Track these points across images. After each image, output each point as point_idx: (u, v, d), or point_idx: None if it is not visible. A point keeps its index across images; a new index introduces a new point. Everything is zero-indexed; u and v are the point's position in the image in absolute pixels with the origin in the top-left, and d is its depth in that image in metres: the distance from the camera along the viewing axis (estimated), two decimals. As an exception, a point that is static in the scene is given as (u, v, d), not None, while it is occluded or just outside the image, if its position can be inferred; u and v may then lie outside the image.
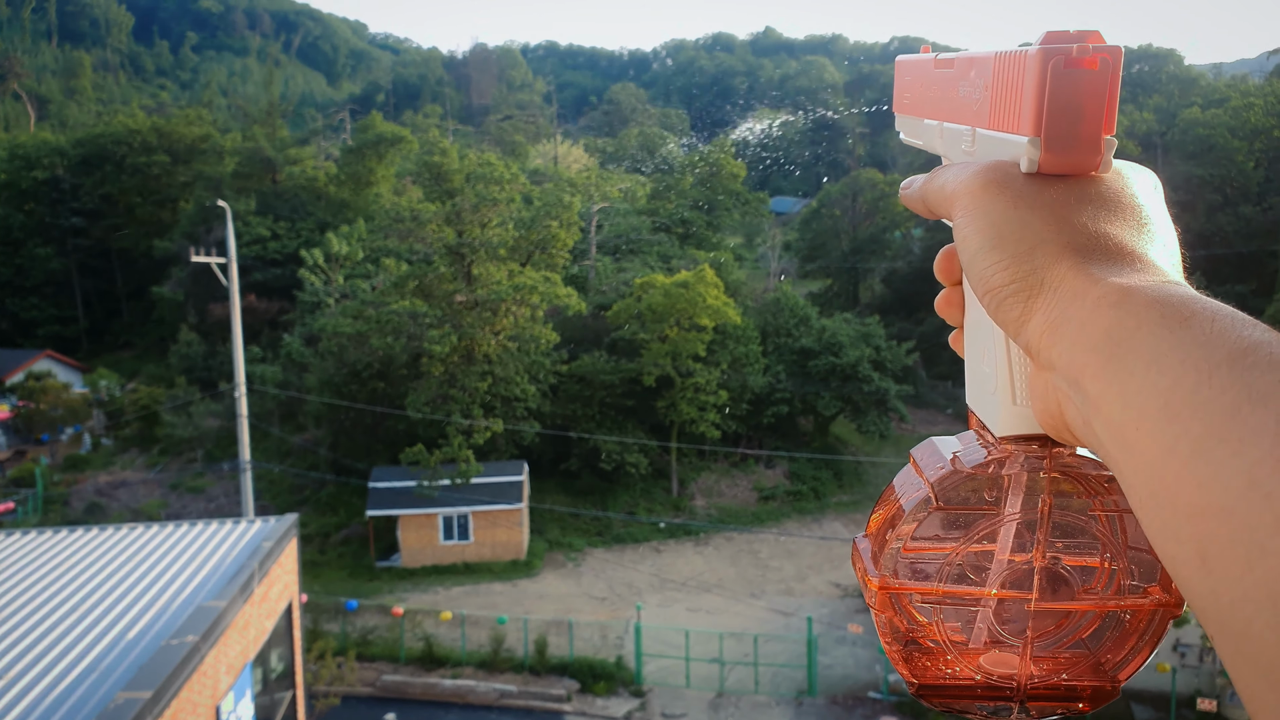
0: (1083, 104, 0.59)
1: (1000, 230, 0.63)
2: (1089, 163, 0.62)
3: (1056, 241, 0.61)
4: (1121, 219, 0.63)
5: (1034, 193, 0.63)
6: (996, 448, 0.69)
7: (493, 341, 35.49)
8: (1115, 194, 0.64)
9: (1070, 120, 0.60)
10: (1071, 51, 0.59)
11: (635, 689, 25.34)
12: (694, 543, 36.66)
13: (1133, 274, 0.58)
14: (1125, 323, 0.54)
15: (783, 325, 44.39)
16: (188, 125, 57.92)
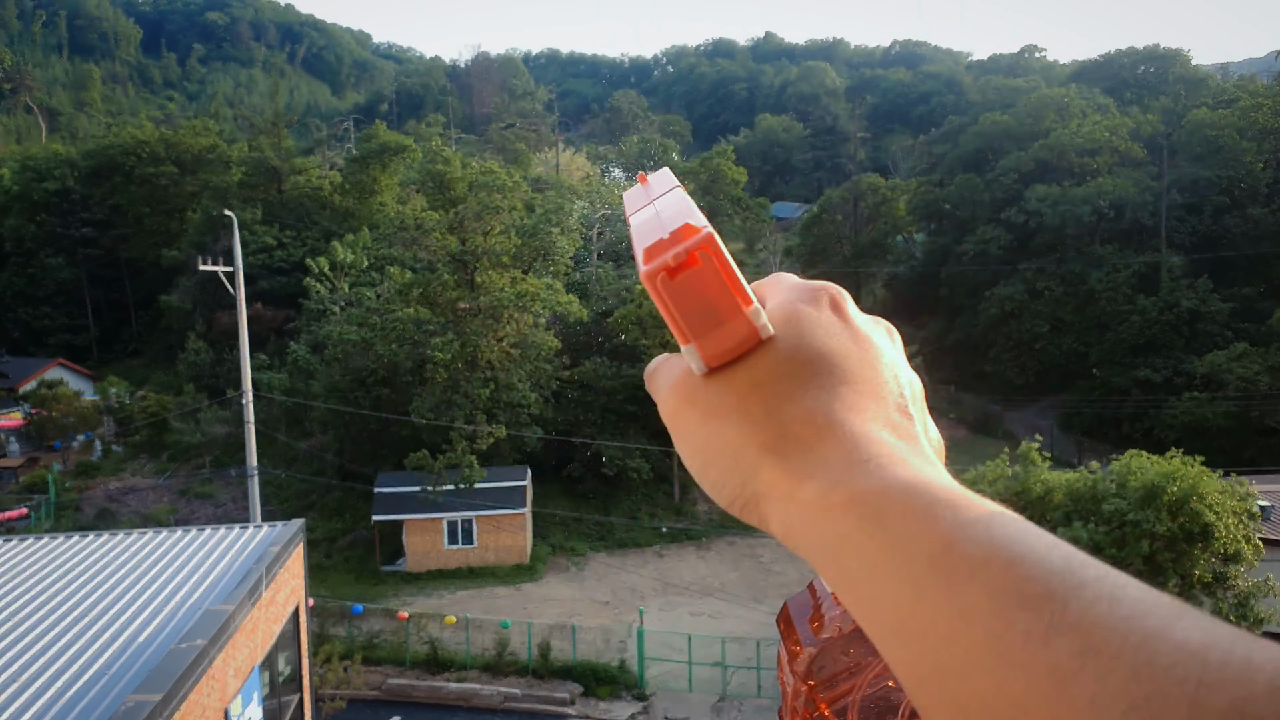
0: (707, 296, 0.60)
1: (705, 450, 0.61)
2: (747, 340, 0.61)
3: (751, 445, 0.59)
4: (805, 382, 0.60)
5: (718, 397, 0.61)
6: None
7: (496, 348, 35.83)
8: (792, 355, 0.61)
9: (706, 316, 0.60)
10: (669, 263, 0.59)
11: (638, 693, 25.57)
12: (696, 547, 36.89)
13: (829, 457, 0.56)
14: (831, 533, 0.53)
15: (784, 330, 44.62)
16: (195, 136, 58.46)
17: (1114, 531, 20.60)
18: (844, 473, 0.54)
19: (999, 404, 51.68)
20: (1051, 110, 63.76)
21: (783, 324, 0.62)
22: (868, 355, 0.62)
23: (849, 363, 0.61)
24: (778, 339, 0.62)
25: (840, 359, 0.61)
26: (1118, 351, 48.69)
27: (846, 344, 0.62)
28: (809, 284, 0.67)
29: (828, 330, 0.62)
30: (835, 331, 0.62)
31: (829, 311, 0.64)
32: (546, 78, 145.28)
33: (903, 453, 0.55)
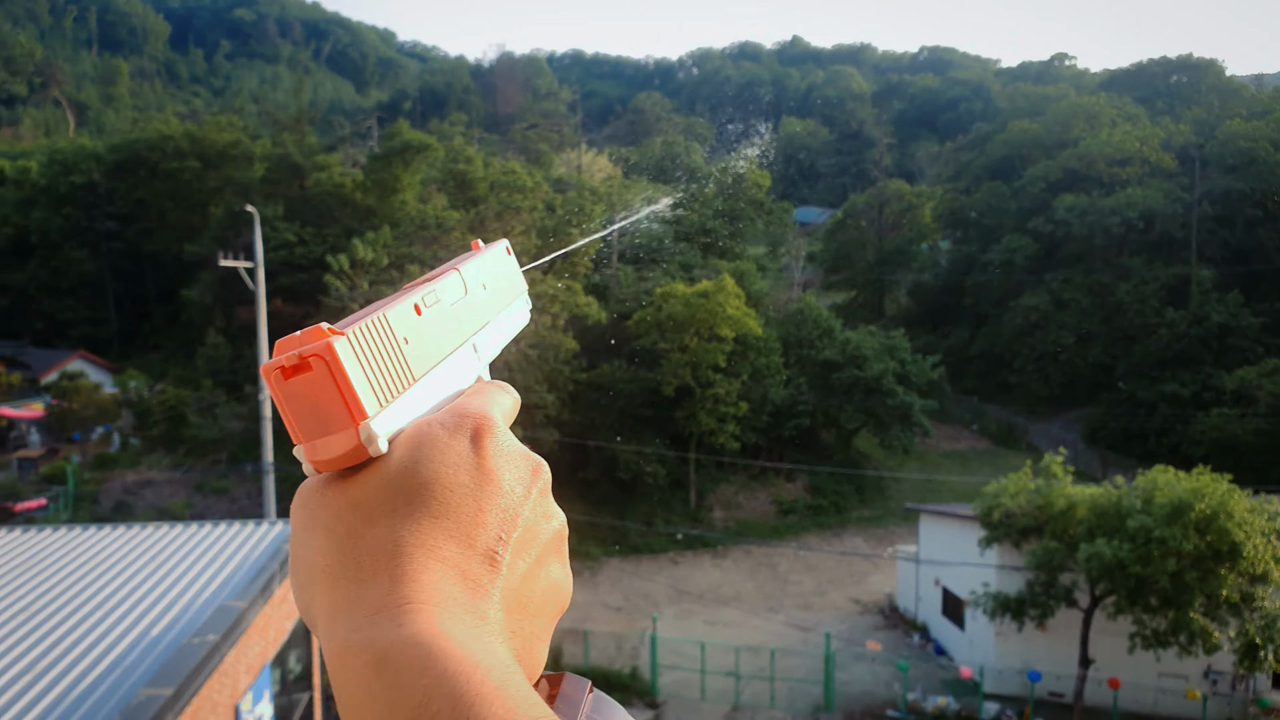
0: (317, 405, 0.59)
1: (294, 557, 0.60)
2: (354, 454, 0.60)
3: (322, 565, 0.58)
4: (396, 510, 0.58)
5: (318, 507, 0.60)
6: None
7: (513, 349, 35.66)
8: (398, 479, 0.59)
9: (317, 421, 0.59)
10: (283, 363, 0.59)
11: (650, 700, 25.30)
12: (712, 555, 36.61)
13: (366, 597, 0.55)
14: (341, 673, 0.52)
15: (805, 337, 44.26)
16: (219, 131, 58.71)
17: (1139, 549, 20.19)
18: (372, 615, 0.53)
19: (1022, 416, 51.10)
20: (1081, 119, 63.07)
21: (404, 445, 0.61)
22: (480, 494, 0.60)
23: (452, 498, 0.59)
24: (390, 459, 0.60)
25: (444, 492, 0.59)
26: (1145, 365, 48.02)
27: (461, 478, 0.60)
28: (463, 408, 0.65)
29: (448, 460, 0.60)
30: (456, 463, 0.61)
31: (465, 441, 0.62)
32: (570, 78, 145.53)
33: (449, 605, 0.54)
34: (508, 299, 0.88)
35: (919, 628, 29.85)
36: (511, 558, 0.60)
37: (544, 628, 0.65)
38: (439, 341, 0.72)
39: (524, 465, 0.65)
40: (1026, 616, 22.90)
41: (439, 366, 0.71)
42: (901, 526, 38.32)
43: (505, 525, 0.61)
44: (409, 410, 0.64)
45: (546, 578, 0.65)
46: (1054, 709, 24.12)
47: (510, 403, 0.72)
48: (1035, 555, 22.26)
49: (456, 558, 0.57)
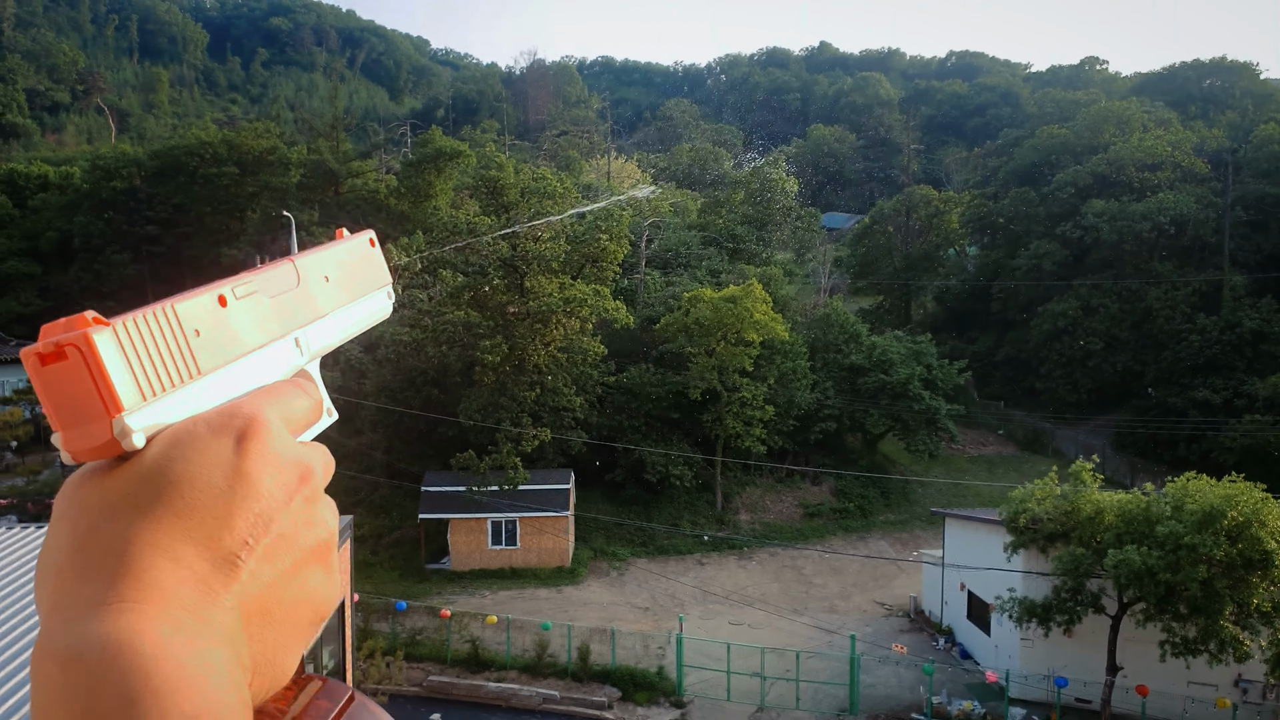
0: (72, 395, 0.58)
1: (42, 549, 0.60)
2: (108, 446, 0.59)
3: (59, 559, 0.57)
4: (139, 504, 0.57)
5: (71, 500, 0.60)
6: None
7: (543, 352, 36.14)
8: (149, 473, 0.58)
9: (70, 412, 0.58)
10: (40, 351, 0.58)
11: (676, 699, 25.57)
12: (737, 557, 36.80)
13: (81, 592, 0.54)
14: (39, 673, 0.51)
15: (832, 341, 44.37)
16: (256, 138, 59.75)
17: (1168, 555, 20.16)
18: (83, 612, 0.53)
19: (1049, 421, 50.81)
20: (1111, 124, 62.59)
21: (162, 442, 0.60)
22: (233, 496, 0.59)
23: (201, 498, 0.58)
24: (145, 455, 0.59)
25: (192, 492, 0.58)
26: (1175, 371, 47.61)
27: (214, 478, 0.59)
28: (235, 407, 0.63)
29: (204, 460, 0.59)
30: (212, 463, 0.59)
31: (228, 441, 0.60)
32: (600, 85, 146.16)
33: (168, 606, 0.53)
34: (357, 292, 0.87)
35: (944, 632, 29.88)
36: (256, 564, 0.59)
37: (292, 636, 0.63)
38: (247, 334, 0.71)
39: (289, 470, 0.63)
40: (1053, 622, 22.88)
41: (242, 360, 0.69)
42: (927, 531, 38.31)
43: (254, 530, 0.59)
44: (187, 405, 0.63)
45: (301, 587, 0.64)
46: (1081, 715, 24.08)
47: (304, 404, 0.71)
48: (1062, 561, 22.25)
49: (191, 559, 0.56)
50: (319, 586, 0.65)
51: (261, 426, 0.62)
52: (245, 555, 0.58)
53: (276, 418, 0.65)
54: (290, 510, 0.62)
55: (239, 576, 0.58)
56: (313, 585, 0.65)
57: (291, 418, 0.69)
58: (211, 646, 0.54)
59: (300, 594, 0.63)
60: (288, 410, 0.68)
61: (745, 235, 54.36)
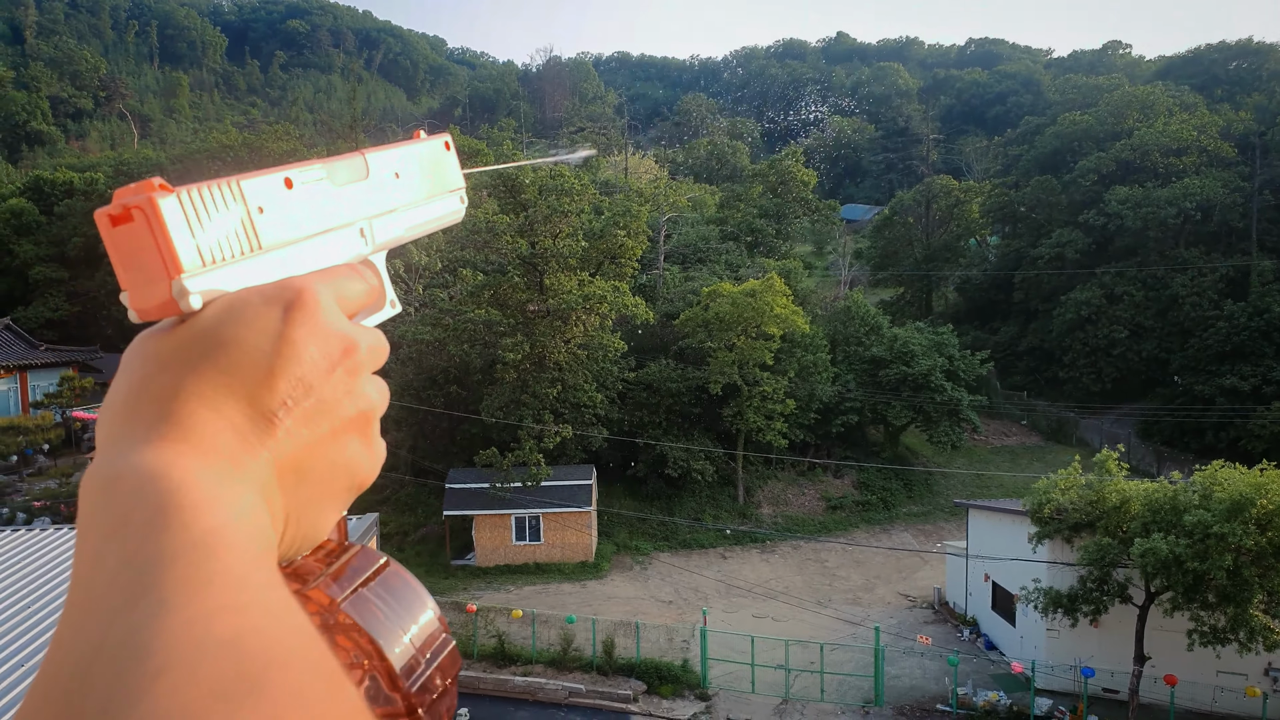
0: (138, 255, 0.62)
1: (105, 398, 0.65)
2: (166, 306, 0.63)
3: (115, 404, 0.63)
4: (189, 360, 0.62)
5: (133, 353, 0.65)
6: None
7: (563, 349, 36.27)
8: (201, 334, 0.63)
9: (135, 271, 0.63)
10: (110, 211, 0.62)
11: (701, 692, 25.63)
12: (760, 550, 36.81)
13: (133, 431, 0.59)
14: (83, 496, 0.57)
15: (853, 334, 44.23)
16: (276, 140, 60.33)
17: (1196, 544, 19.99)
18: (127, 446, 0.58)
19: (1073, 411, 50.42)
20: (1135, 109, 61.93)
21: (217, 306, 0.64)
22: (276, 359, 0.63)
23: (245, 358, 0.62)
24: (201, 317, 0.63)
25: (238, 352, 0.62)
26: (1202, 359, 47.10)
27: (260, 342, 0.63)
28: (290, 281, 0.67)
29: (252, 325, 0.63)
30: (260, 329, 0.63)
31: (277, 310, 0.64)
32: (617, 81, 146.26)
33: (205, 449, 0.58)
34: (428, 191, 0.90)
35: (969, 623, 29.78)
36: (294, 424, 0.63)
37: (327, 497, 0.68)
38: (311, 217, 0.73)
39: (333, 342, 0.66)
40: (1080, 613, 22.74)
41: (307, 241, 0.73)
42: (950, 522, 38.17)
43: (294, 393, 0.63)
44: (246, 277, 0.66)
45: (339, 453, 0.68)
46: (1108, 705, 23.94)
47: (359, 287, 0.74)
48: (1088, 551, 22.11)
49: (231, 411, 0.61)
50: (356, 455, 0.69)
51: (311, 300, 0.65)
52: (283, 414, 0.63)
53: (328, 294, 0.68)
54: (332, 379, 0.66)
55: (275, 433, 0.62)
56: (350, 453, 0.68)
57: (345, 297, 0.71)
58: (241, 488, 0.58)
59: (337, 459, 0.67)
60: (341, 289, 0.71)
61: (764, 229, 54.26)
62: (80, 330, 57.44)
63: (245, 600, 0.47)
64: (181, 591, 0.46)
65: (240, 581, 0.49)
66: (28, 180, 68.91)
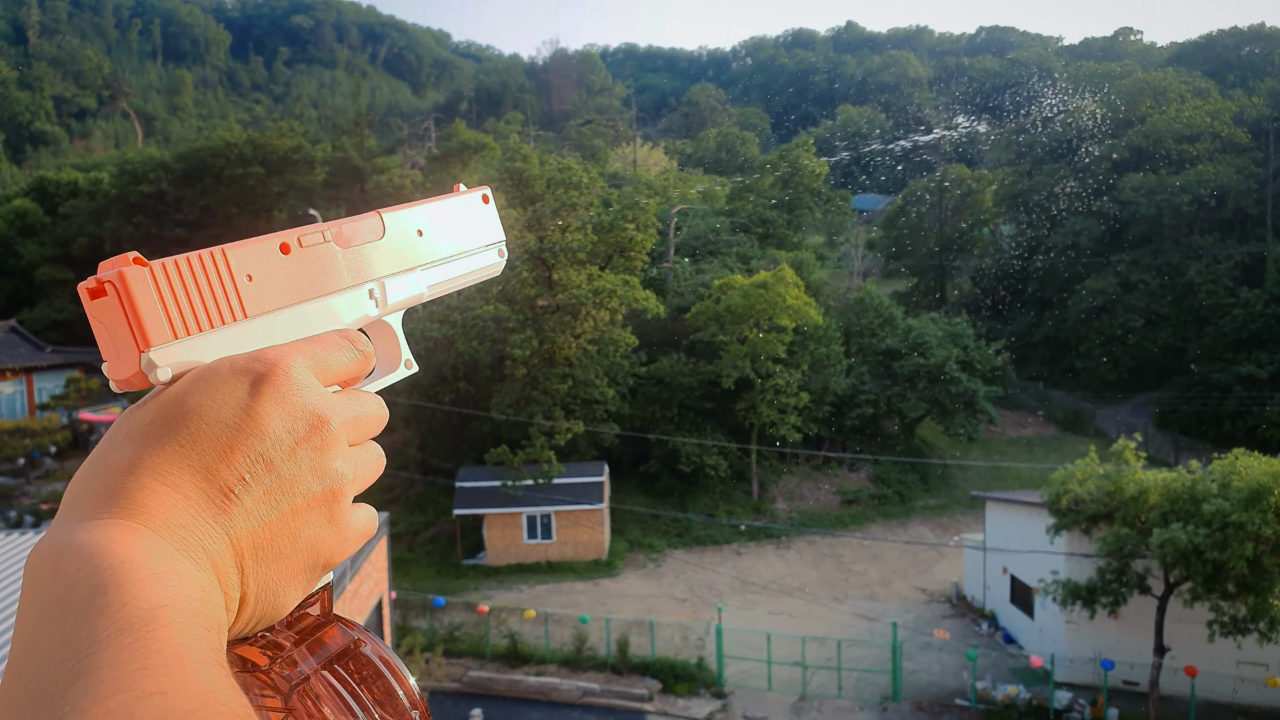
0: (112, 328, 0.63)
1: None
2: (136, 379, 0.64)
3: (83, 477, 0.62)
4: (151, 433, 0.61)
5: (118, 423, 0.65)
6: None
7: (573, 344, 35.98)
8: (167, 406, 0.62)
9: (111, 344, 0.63)
10: (89, 286, 0.63)
11: (717, 690, 25.39)
12: (775, 546, 36.52)
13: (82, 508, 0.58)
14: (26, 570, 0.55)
15: (866, 325, 43.84)
16: (280, 137, 60.02)
17: (1215, 534, 19.72)
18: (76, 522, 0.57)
19: (1090, 401, 49.96)
20: (1148, 95, 61.28)
21: (188, 377, 0.64)
22: (237, 434, 0.62)
23: (206, 431, 0.62)
24: (169, 389, 0.64)
25: (200, 425, 0.62)
26: (1218, 346, 46.58)
27: (224, 415, 0.62)
28: (264, 352, 0.66)
29: (218, 397, 0.63)
30: (225, 401, 0.63)
31: (245, 382, 0.64)
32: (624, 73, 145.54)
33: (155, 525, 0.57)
34: (458, 248, 0.86)
35: (987, 616, 29.48)
36: (252, 501, 0.62)
37: (286, 575, 0.65)
38: (309, 282, 0.72)
39: (301, 418, 0.65)
40: (1098, 604, 22.49)
41: (298, 307, 0.71)
42: (967, 515, 37.81)
43: (254, 469, 0.62)
44: (230, 346, 0.66)
45: (300, 532, 0.65)
46: (1128, 698, 23.65)
47: (344, 356, 0.71)
48: (1106, 542, 21.85)
49: (187, 485, 0.60)
50: (319, 535, 0.67)
51: (281, 372, 0.64)
52: (241, 491, 0.61)
53: (303, 366, 0.67)
54: (295, 456, 0.64)
55: (231, 510, 0.61)
56: (312, 532, 0.66)
57: (327, 368, 0.70)
58: (189, 565, 0.57)
59: (298, 538, 0.65)
60: (323, 360, 0.69)
61: (775, 220, 53.83)
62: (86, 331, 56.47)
63: (176, 682, 0.46)
64: (111, 677, 0.45)
65: (176, 662, 0.47)
66: (32, 181, 68.90)
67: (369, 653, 0.71)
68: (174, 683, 0.46)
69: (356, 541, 0.71)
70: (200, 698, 0.45)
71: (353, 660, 0.69)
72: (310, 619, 0.70)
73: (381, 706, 0.67)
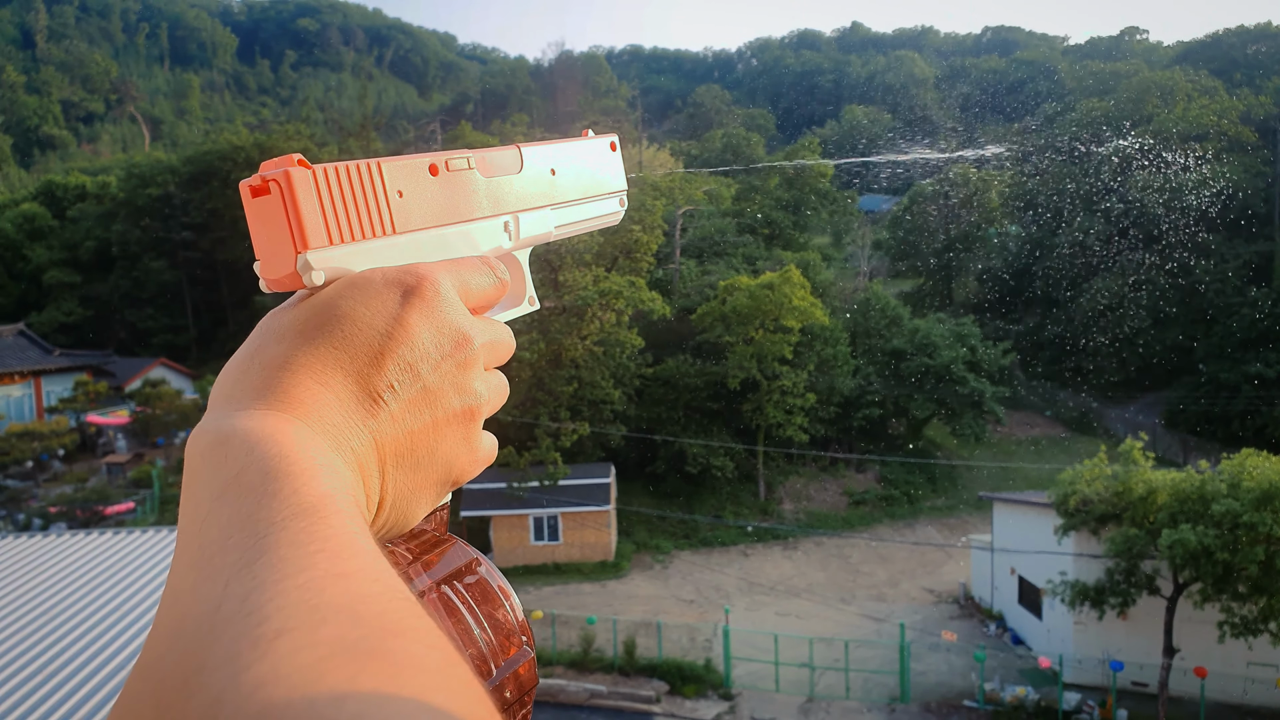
0: (271, 227, 0.64)
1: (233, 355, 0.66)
2: (292, 279, 0.65)
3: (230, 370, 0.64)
4: (307, 333, 0.63)
5: (259, 325, 0.67)
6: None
7: (579, 346, 35.99)
8: (321, 309, 0.64)
9: (267, 243, 0.64)
10: (252, 182, 0.64)
11: (724, 692, 25.35)
12: (782, 547, 36.45)
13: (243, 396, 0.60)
14: (191, 451, 0.57)
15: (873, 326, 43.77)
16: (287, 140, 60.24)
17: (1225, 534, 19.62)
18: (235, 410, 0.59)
19: (1097, 401, 49.80)
20: (1154, 94, 61.13)
21: (342, 282, 0.66)
22: (389, 341, 0.63)
23: (359, 336, 0.63)
24: (323, 293, 0.65)
25: (353, 330, 0.63)
26: (1226, 345, 46.41)
27: (376, 323, 0.64)
28: (415, 267, 0.68)
29: (371, 305, 0.64)
30: (378, 309, 0.64)
31: (397, 293, 0.65)
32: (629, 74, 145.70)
33: (309, 419, 0.59)
34: (586, 191, 0.87)
35: (995, 617, 29.39)
36: (398, 408, 0.63)
37: (422, 486, 0.67)
38: (453, 206, 0.74)
39: (448, 333, 0.67)
40: (1107, 605, 22.39)
41: (446, 229, 0.73)
42: (975, 515, 37.70)
43: (402, 377, 0.64)
44: (376, 258, 0.67)
45: (439, 444, 0.67)
46: (1138, 699, 23.55)
47: (485, 281, 0.73)
48: (1115, 543, 21.75)
49: (339, 386, 0.62)
50: (455, 450, 0.69)
51: (431, 287, 0.66)
52: (389, 397, 0.63)
53: (450, 285, 0.69)
54: (440, 370, 0.66)
55: (378, 414, 0.62)
56: (448, 446, 0.68)
57: (470, 290, 0.72)
58: (340, 463, 0.58)
59: (436, 450, 0.67)
60: (467, 281, 0.71)
61: (781, 221, 53.78)
62: (94, 334, 57.57)
63: (355, 567, 0.48)
64: (295, 557, 0.47)
65: (350, 548, 0.49)
66: (40, 184, 69.28)
67: (484, 573, 0.72)
68: (354, 567, 0.47)
69: (485, 462, 0.72)
70: (379, 583, 0.47)
71: (468, 579, 0.70)
72: (430, 535, 0.71)
73: (493, 627, 0.69)
